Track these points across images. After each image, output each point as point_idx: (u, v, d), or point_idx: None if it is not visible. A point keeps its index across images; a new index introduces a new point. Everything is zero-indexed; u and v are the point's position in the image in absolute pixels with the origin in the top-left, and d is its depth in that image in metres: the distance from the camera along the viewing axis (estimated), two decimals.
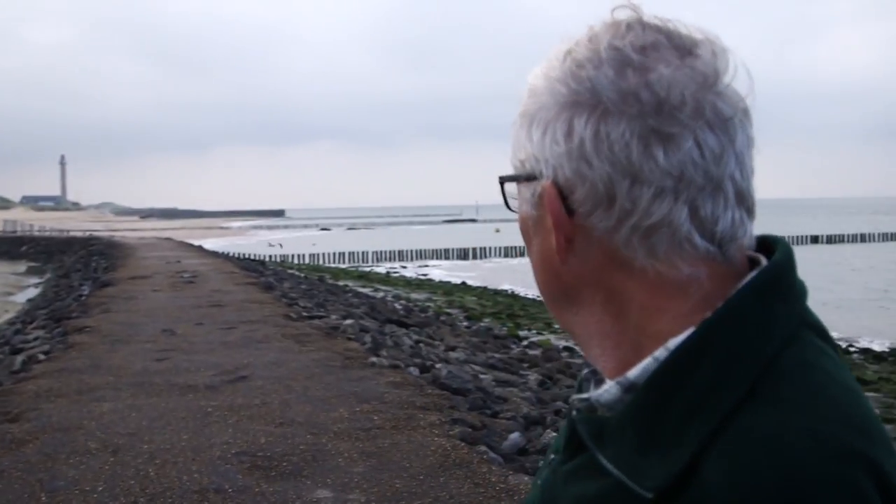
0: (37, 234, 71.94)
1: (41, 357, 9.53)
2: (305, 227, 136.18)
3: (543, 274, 0.85)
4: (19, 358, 9.84)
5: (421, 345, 12.92)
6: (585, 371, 0.91)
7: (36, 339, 11.92)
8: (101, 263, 29.33)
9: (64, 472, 5.38)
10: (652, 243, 0.76)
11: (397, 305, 23.03)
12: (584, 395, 0.83)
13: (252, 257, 42.09)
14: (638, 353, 0.78)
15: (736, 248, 0.77)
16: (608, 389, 0.79)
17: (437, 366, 9.93)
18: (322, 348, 9.72)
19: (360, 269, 45.71)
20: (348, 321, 12.50)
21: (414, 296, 28.74)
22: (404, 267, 48.68)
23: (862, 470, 0.67)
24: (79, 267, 32.60)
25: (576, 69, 0.78)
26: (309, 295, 18.81)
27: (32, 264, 46.12)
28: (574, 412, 0.85)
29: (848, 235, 67.60)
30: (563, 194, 0.79)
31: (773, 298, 0.76)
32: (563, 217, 0.79)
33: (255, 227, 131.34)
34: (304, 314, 13.26)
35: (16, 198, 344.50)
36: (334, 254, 53.57)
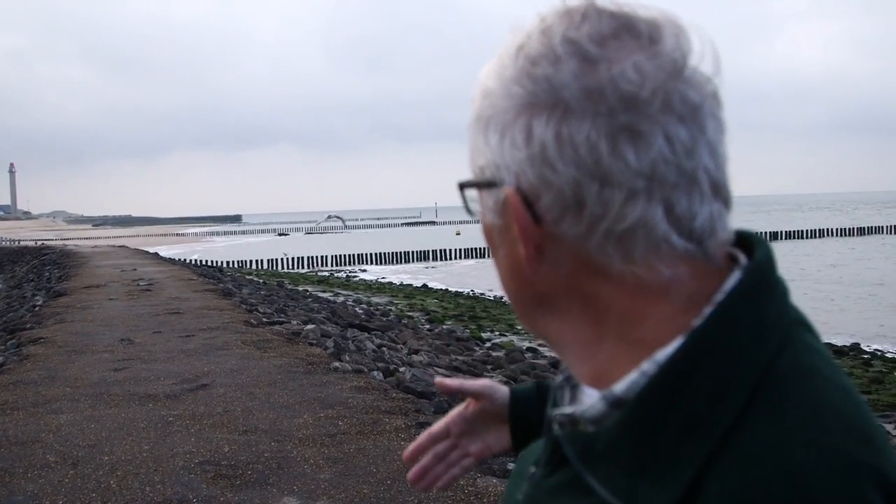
0: None
1: None
2: (262, 232, 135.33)
3: (513, 283, 0.80)
4: None
5: (384, 349, 12.87)
6: (559, 378, 0.87)
7: None
8: (54, 273, 28.81)
9: (22, 487, 5.25)
10: (627, 247, 0.71)
11: (358, 309, 22.96)
12: (568, 411, 0.78)
13: (212, 264, 41.65)
14: (619, 361, 0.74)
15: (715, 243, 0.73)
16: (593, 405, 0.75)
17: (401, 369, 9.88)
18: (284, 354, 9.63)
19: (320, 273, 45.47)
20: (309, 326, 12.40)
21: (375, 299, 28.68)
22: (364, 270, 48.55)
23: (870, 482, 0.65)
24: (31, 277, 32.01)
25: (530, 67, 0.72)
26: (269, 301, 18.65)
27: None
28: (556, 426, 0.80)
29: (806, 231, 68.79)
30: (528, 201, 0.73)
31: (762, 300, 0.72)
32: (530, 225, 0.73)
33: (212, 234, 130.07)
34: (265, 320, 13.13)
35: None
36: (292, 259, 53.24)
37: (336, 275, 44.39)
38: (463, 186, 0.80)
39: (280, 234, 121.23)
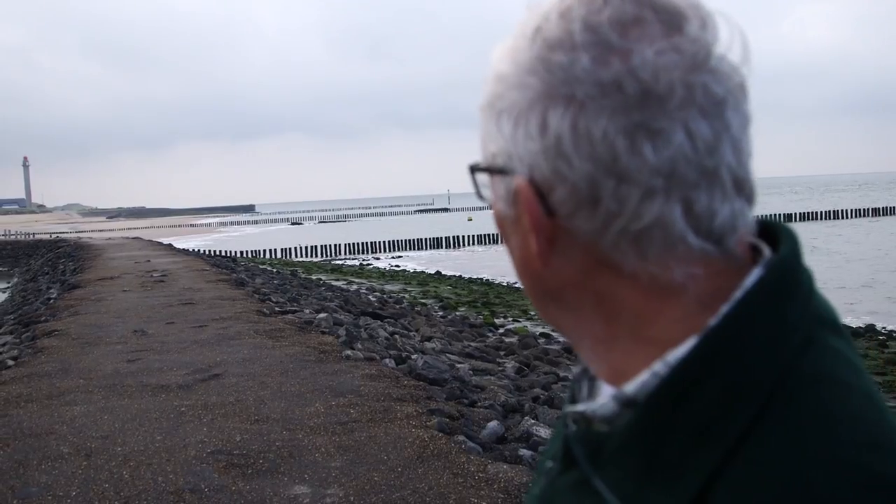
0: (2, 238, 70.99)
1: (10, 363, 9.38)
2: (276, 221, 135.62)
3: (524, 275, 0.77)
4: None
5: (396, 336, 12.88)
6: (576, 371, 0.84)
7: (4, 344, 11.73)
8: (68, 266, 29.00)
9: (36, 478, 5.29)
10: (642, 246, 0.68)
11: (371, 297, 22.97)
12: (580, 409, 0.75)
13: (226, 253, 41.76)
14: (634, 359, 0.71)
15: (736, 239, 0.69)
16: (605, 404, 0.72)
17: (413, 357, 9.90)
18: (296, 343, 9.65)
19: (333, 262, 45.55)
20: (322, 315, 12.43)
21: (388, 287, 28.69)
22: (377, 258, 48.60)
23: (889, 497, 0.60)
24: (46, 270, 32.22)
25: (547, 53, 0.68)
26: (281, 290, 18.69)
27: None
28: (570, 424, 0.78)
29: (821, 213, 68.42)
30: (540, 193, 0.70)
31: (783, 298, 0.68)
32: (543, 219, 0.70)
33: (225, 224, 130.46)
34: (277, 309, 13.17)
35: None
36: (306, 247, 53.35)
37: (349, 263, 44.46)
38: (474, 170, 0.77)
39: (293, 223, 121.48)
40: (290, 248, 53.19)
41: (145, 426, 6.36)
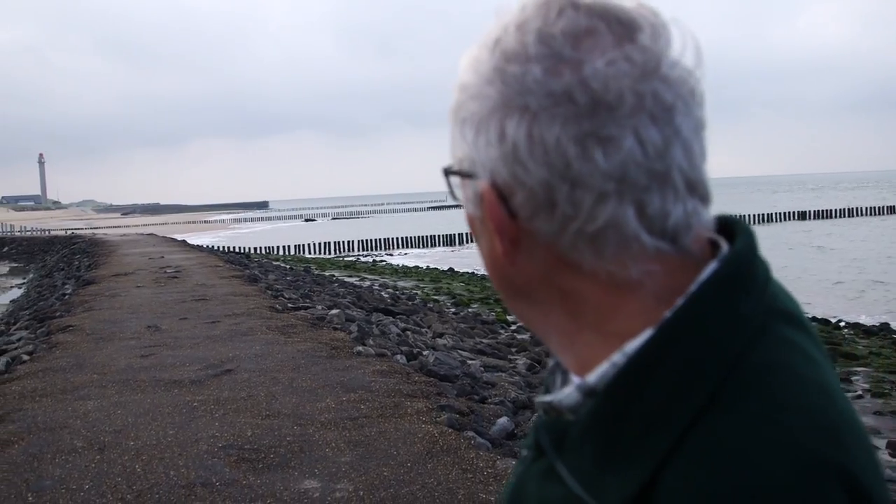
0: (18, 234, 71.38)
1: (25, 357, 9.46)
2: (289, 217, 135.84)
3: (494, 274, 0.81)
4: (3, 359, 9.74)
5: (408, 332, 12.91)
6: (551, 364, 0.88)
7: (20, 339, 11.81)
8: (83, 262, 29.16)
9: (50, 472, 5.35)
10: (598, 246, 0.71)
11: (384, 294, 23.00)
12: (547, 399, 0.79)
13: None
14: (597, 351, 0.75)
15: (691, 237, 0.73)
16: (569, 394, 0.76)
17: (425, 353, 9.92)
18: (308, 339, 9.70)
19: (346, 258, 45.62)
20: (334, 311, 12.46)
21: (401, 284, 28.71)
22: (390, 255, 48.64)
23: (833, 482, 0.63)
24: (61, 266, 32.41)
25: (504, 64, 0.72)
26: (294, 286, 18.76)
27: (15, 265, 45.79)
28: (541, 413, 0.82)
29: (835, 211, 67.97)
30: (503, 197, 0.74)
31: (736, 291, 0.71)
32: (506, 221, 0.74)
33: (239, 220, 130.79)
34: (290, 305, 13.22)
35: None
36: (319, 244, 53.45)
37: (362, 259, 44.52)
38: (447, 173, 0.80)
39: (307, 220, 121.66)
40: (303, 245, 53.28)
41: (158, 421, 6.41)
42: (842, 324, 18.85)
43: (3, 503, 4.90)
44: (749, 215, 63.34)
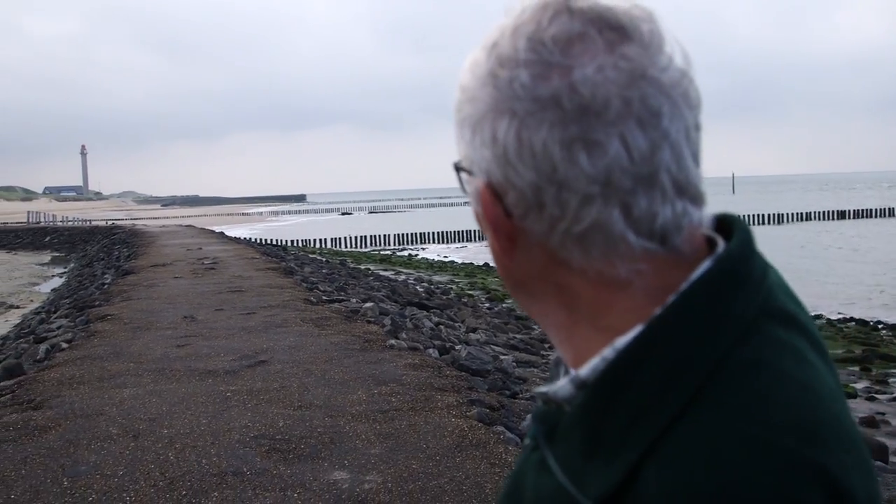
0: (60, 224, 72.42)
1: (64, 345, 9.62)
2: (326, 210, 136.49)
3: (498, 267, 0.83)
4: (43, 346, 9.93)
5: (441, 327, 12.94)
6: (555, 356, 0.89)
7: (59, 327, 12.02)
8: (123, 252, 29.55)
9: (85, 458, 5.44)
10: (586, 245, 0.73)
11: (419, 288, 23.06)
12: (543, 390, 0.81)
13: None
14: (591, 345, 0.76)
15: (682, 237, 0.74)
16: (562, 386, 0.77)
17: (457, 347, 9.95)
18: (341, 332, 9.76)
19: (382, 252, 45.75)
20: (368, 304, 12.52)
21: (436, 278, 28.77)
22: (426, 249, 48.70)
23: (809, 481, 0.63)
24: (101, 256, 32.86)
25: (497, 69, 0.74)
26: (330, 279, 18.87)
27: (56, 254, 46.51)
28: (541, 403, 0.83)
29: (876, 210, 66.86)
30: (498, 195, 0.76)
31: (727, 289, 0.72)
32: (502, 219, 0.77)
33: (276, 213, 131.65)
34: (325, 298, 13.30)
35: (39, 189, 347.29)
36: (356, 237, 53.66)
37: (398, 253, 44.64)
38: (457, 168, 0.83)
39: (343, 213, 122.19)
40: (339, 238, 53.53)
41: (191, 410, 6.50)
42: (880, 325, 18.61)
43: (40, 487, 4.99)
44: (786, 214, 62.59)
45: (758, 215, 60.11)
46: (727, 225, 0.78)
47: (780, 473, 0.63)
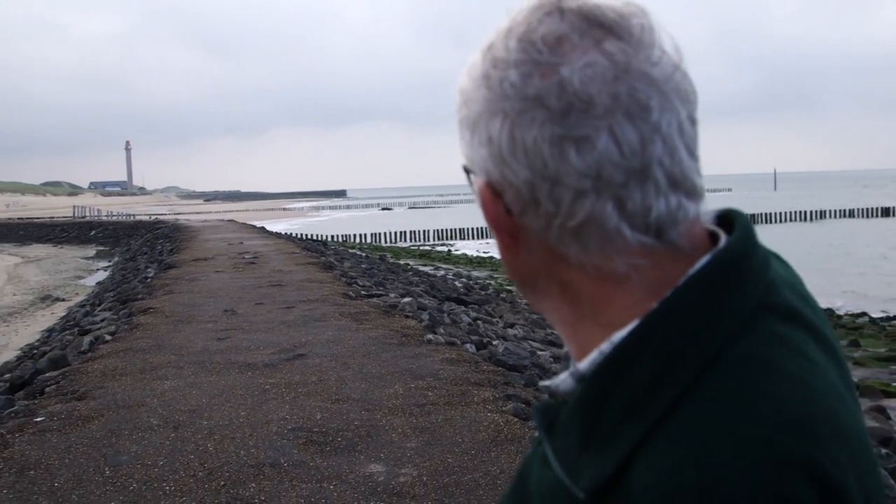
0: (105, 218, 73.48)
1: (107, 338, 9.78)
2: (367, 206, 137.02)
3: (505, 263, 0.85)
4: (87, 339, 10.11)
5: (479, 322, 12.95)
6: (565, 349, 0.90)
7: (103, 320, 12.22)
8: (165, 246, 29.92)
9: (127, 448, 5.54)
10: (582, 240, 0.74)
11: (457, 283, 23.08)
12: (545, 384, 0.82)
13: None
14: (593, 340, 0.77)
15: (679, 232, 0.74)
16: (563, 379, 0.79)
17: (494, 342, 9.95)
18: (379, 326, 9.80)
19: (422, 247, 45.85)
20: (406, 299, 12.57)
21: (475, 273, 28.78)
22: (466, 244, 48.70)
23: (799, 477, 0.63)
24: (145, 250, 33.29)
25: (491, 70, 0.76)
26: (369, 274, 18.95)
27: (101, 248, 47.22)
28: (548, 396, 0.84)
29: None
30: (497, 194, 0.78)
31: (725, 284, 0.72)
32: (502, 217, 0.78)
33: (317, 208, 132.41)
34: (363, 293, 13.36)
35: (84, 184, 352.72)
36: (396, 233, 53.83)
37: (438, 249, 44.71)
38: (465, 170, 0.84)
39: (383, 209, 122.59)
40: (379, 234, 53.75)
41: (231, 402, 6.58)
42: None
43: (83, 475, 5.09)
44: (829, 211, 61.61)
45: (799, 212, 59.31)
46: (730, 220, 0.79)
47: (768, 468, 0.63)
